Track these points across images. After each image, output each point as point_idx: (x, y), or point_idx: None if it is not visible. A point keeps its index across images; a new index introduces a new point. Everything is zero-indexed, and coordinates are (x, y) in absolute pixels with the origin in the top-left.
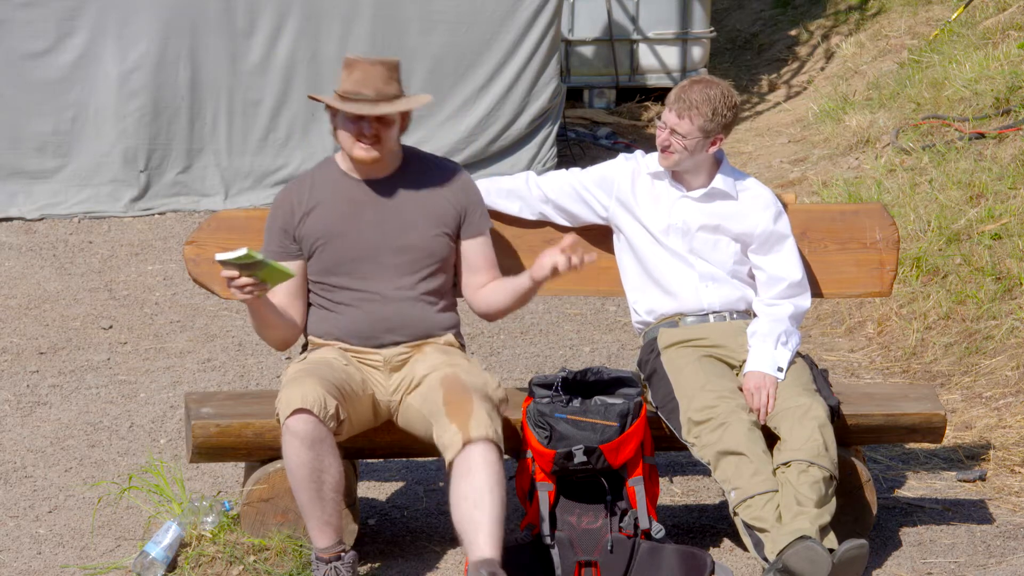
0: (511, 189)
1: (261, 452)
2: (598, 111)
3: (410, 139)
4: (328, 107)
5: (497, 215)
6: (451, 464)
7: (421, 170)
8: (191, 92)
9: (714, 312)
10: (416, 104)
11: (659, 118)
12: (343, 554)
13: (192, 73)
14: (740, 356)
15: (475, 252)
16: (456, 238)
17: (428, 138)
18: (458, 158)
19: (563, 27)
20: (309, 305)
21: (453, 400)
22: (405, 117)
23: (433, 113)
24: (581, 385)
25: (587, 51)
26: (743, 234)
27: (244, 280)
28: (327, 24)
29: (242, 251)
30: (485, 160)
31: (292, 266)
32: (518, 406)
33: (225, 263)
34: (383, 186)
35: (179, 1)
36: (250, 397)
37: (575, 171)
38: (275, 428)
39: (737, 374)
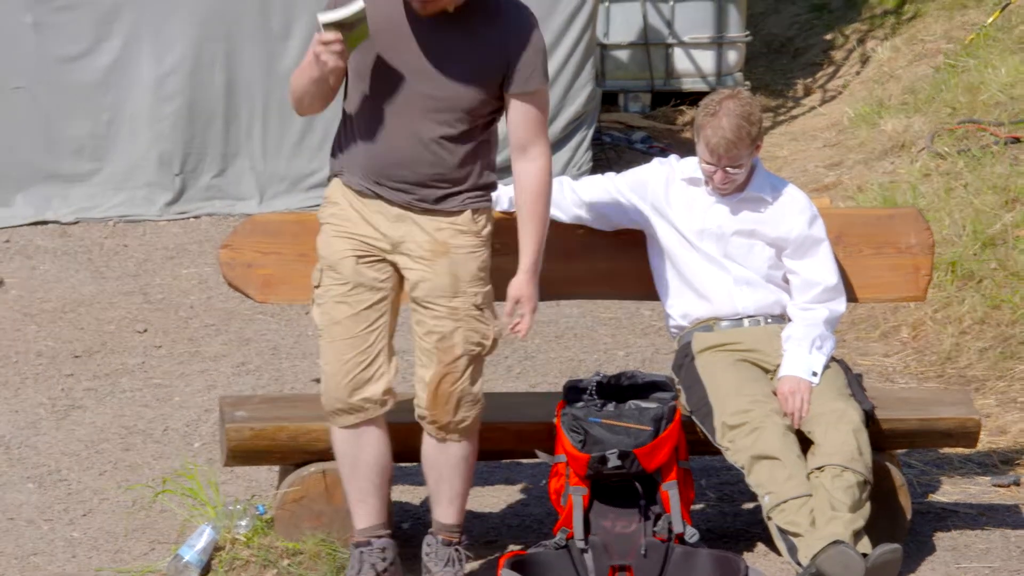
0: None
1: (295, 456)
2: (633, 115)
3: None
4: None
5: None
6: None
7: (485, 10)
8: (226, 96)
9: (749, 316)
10: None
11: (704, 162)
12: (373, 540)
13: (228, 77)
14: (775, 360)
15: (513, 111)
16: (499, 91)
17: None
18: None
19: (598, 31)
20: (341, 129)
21: (439, 392)
22: None
23: None
24: (615, 389)
25: (622, 55)
26: (778, 238)
27: (340, 47)
28: None
29: (358, 5)
30: None
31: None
32: (552, 411)
33: (332, 24)
34: (438, 22)
35: (215, 5)
36: (284, 401)
37: (610, 175)
38: (309, 432)
39: (771, 378)
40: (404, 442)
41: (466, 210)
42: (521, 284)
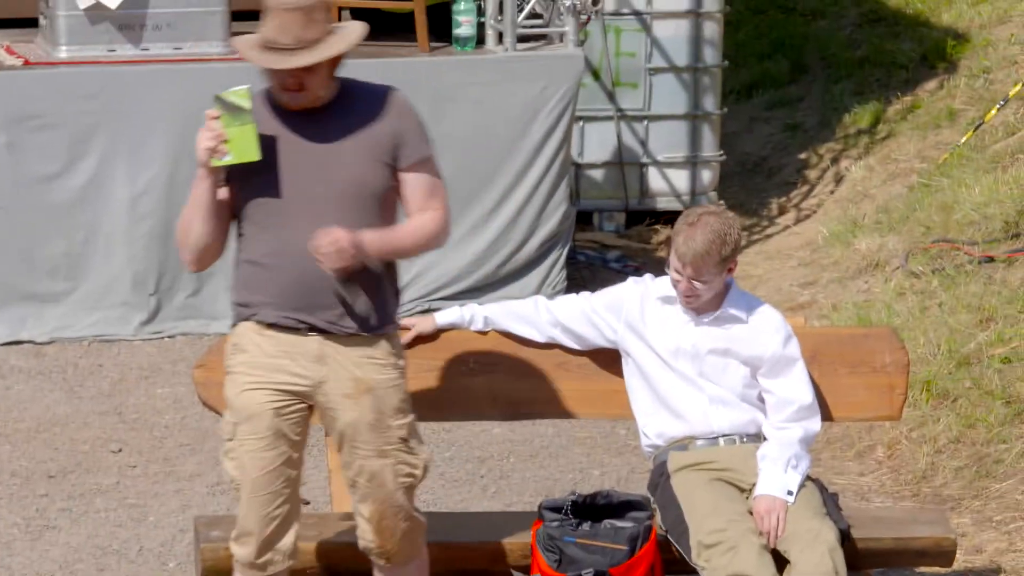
0: (521, 313)
1: None
2: (608, 234)
3: (418, 264)
4: None
5: (507, 338)
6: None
7: (356, 98)
8: None
9: (724, 435)
10: (340, 47)
11: (672, 269)
12: None
13: None
14: (750, 479)
15: (407, 183)
16: (394, 170)
17: (438, 261)
18: (467, 282)
19: (573, 150)
20: (240, 268)
21: (383, 528)
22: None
23: None
24: (591, 509)
25: (597, 174)
26: (753, 357)
27: (217, 127)
28: None
29: (244, 87)
30: (495, 284)
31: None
32: (527, 529)
33: (219, 99)
34: (314, 118)
35: (189, 125)
36: None
37: (585, 295)
38: None
39: (747, 498)
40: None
41: (382, 339)
42: (346, 236)
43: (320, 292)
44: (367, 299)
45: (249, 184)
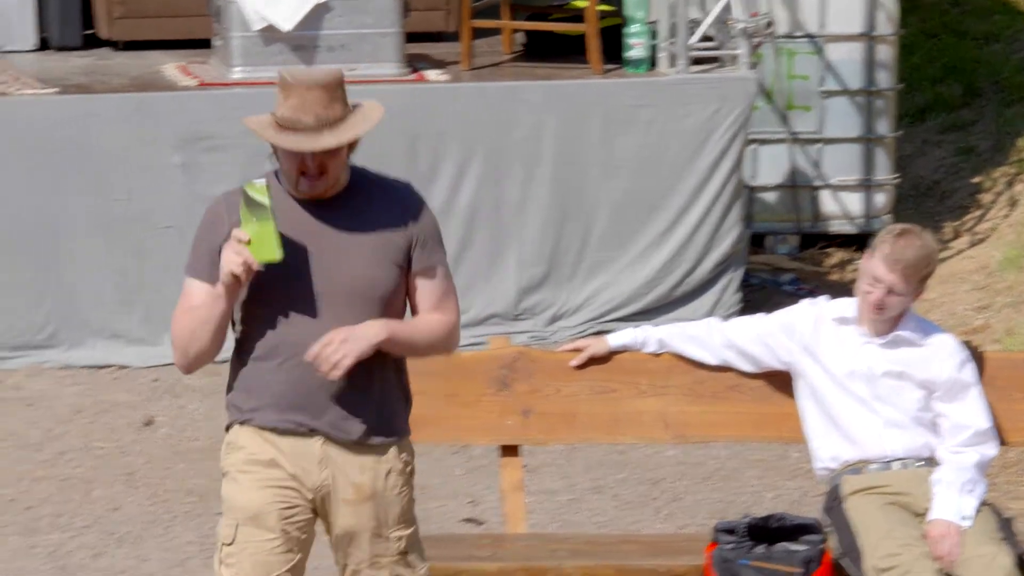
0: (694, 335)
1: None
2: (781, 257)
3: (591, 285)
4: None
5: (680, 360)
6: None
7: (369, 191)
8: None
9: (898, 459)
10: (365, 127)
11: (867, 279)
12: None
13: None
14: (924, 504)
15: (420, 290)
16: (407, 272)
17: (610, 283)
18: (640, 303)
19: (745, 173)
20: (239, 364)
21: None
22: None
23: (615, 258)
24: (765, 531)
25: (769, 197)
26: (928, 381)
27: (245, 252)
28: (508, 169)
29: (261, 181)
30: (668, 305)
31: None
32: (701, 551)
33: (244, 192)
34: (325, 209)
35: (362, 146)
36: (429, 540)
37: (758, 316)
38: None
39: (921, 522)
40: None
41: (392, 446)
42: (359, 328)
43: (323, 394)
44: (374, 406)
45: (247, 288)
